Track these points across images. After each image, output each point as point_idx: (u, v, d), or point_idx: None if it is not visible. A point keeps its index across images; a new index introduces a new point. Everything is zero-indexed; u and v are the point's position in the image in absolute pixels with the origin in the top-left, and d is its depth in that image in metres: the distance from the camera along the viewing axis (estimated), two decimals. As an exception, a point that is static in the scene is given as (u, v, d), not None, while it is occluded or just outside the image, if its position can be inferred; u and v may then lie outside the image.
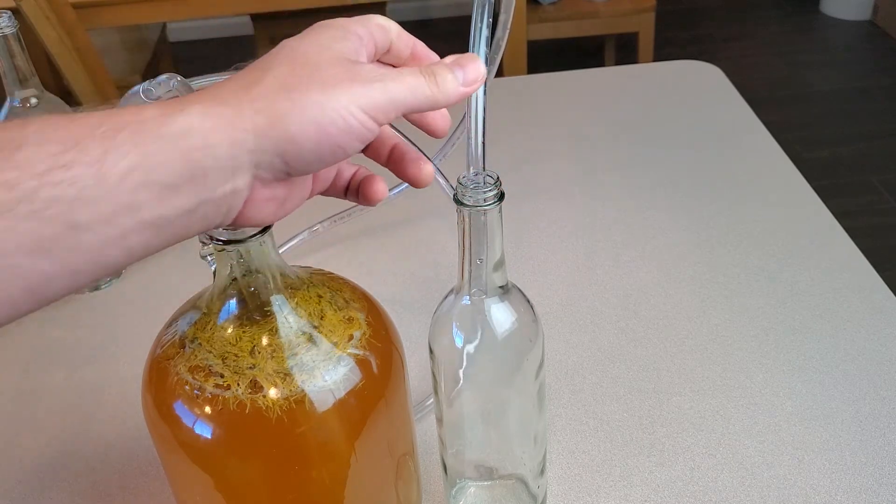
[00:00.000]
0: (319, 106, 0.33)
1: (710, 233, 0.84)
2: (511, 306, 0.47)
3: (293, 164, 0.34)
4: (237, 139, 0.32)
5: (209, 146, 0.32)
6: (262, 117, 0.33)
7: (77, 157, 0.29)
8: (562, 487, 0.60)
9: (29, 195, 0.28)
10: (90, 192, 0.29)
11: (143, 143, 0.30)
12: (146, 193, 0.30)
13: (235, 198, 0.33)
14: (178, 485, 0.49)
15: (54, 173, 0.29)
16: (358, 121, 0.34)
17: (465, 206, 0.43)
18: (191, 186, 0.31)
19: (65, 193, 0.29)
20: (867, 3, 3.12)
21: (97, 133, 0.30)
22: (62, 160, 0.29)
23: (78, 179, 0.29)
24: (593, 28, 2.46)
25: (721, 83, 1.13)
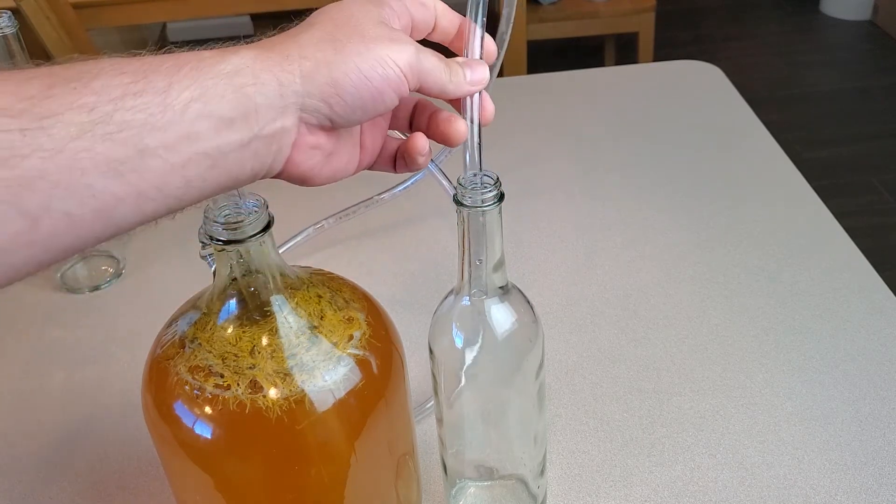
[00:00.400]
0: (360, 55, 0.36)
1: (710, 233, 0.84)
2: (511, 307, 0.47)
3: (336, 110, 0.36)
4: (285, 80, 0.35)
5: (260, 83, 0.34)
6: (309, 62, 0.35)
7: (146, 86, 0.32)
8: (562, 487, 0.60)
9: (104, 118, 0.31)
10: (157, 118, 0.32)
11: (202, 77, 0.33)
12: (204, 123, 0.33)
13: (284, 137, 0.36)
14: (178, 485, 0.49)
15: (127, 99, 0.31)
16: (395, 72, 0.37)
17: (465, 206, 0.43)
18: (243, 120, 0.34)
19: (135, 118, 0.31)
20: (867, 3, 3.12)
21: (162, 68, 0.33)
22: (133, 88, 0.32)
23: (147, 106, 0.32)
24: (593, 28, 2.45)
25: (721, 83, 1.13)
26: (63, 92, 0.30)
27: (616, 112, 1.08)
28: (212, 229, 0.41)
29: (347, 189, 0.87)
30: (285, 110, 0.35)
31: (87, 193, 0.31)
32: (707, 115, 1.06)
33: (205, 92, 0.33)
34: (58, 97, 0.30)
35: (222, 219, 0.41)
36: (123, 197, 0.32)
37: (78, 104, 0.30)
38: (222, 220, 0.41)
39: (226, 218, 0.41)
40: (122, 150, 0.31)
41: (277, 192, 0.43)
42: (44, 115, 0.30)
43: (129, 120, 0.31)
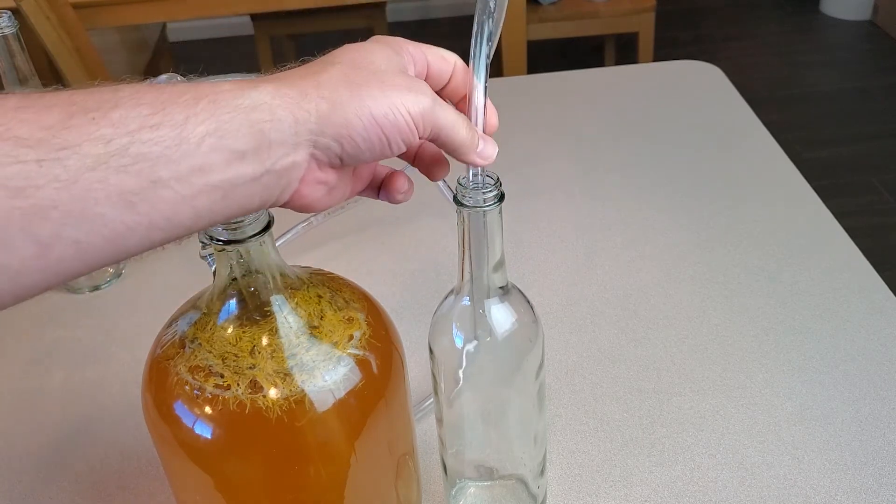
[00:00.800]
0: (375, 100, 0.37)
1: (710, 233, 0.84)
2: (511, 307, 0.47)
3: (347, 150, 0.37)
4: (301, 118, 0.36)
5: (276, 120, 0.35)
6: (325, 103, 0.36)
7: (163, 119, 0.32)
8: (562, 487, 0.60)
9: (121, 150, 0.31)
10: (171, 151, 0.32)
11: (219, 112, 0.34)
12: (217, 156, 0.33)
13: (294, 172, 0.37)
14: (178, 485, 0.49)
15: (143, 132, 0.32)
16: (405, 120, 0.38)
17: (465, 206, 0.43)
18: (256, 155, 0.35)
19: (151, 151, 0.32)
20: (867, 3, 3.12)
21: (180, 101, 0.33)
22: (151, 121, 0.32)
23: (163, 139, 0.32)
24: (593, 28, 2.45)
25: (721, 83, 1.13)
26: (81, 122, 0.31)
27: (616, 112, 1.08)
28: (212, 229, 0.41)
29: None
30: (298, 147, 0.36)
31: (99, 223, 0.31)
32: (707, 115, 1.06)
33: (220, 126, 0.33)
34: (76, 128, 0.31)
35: (222, 219, 0.41)
36: (133, 227, 0.32)
37: (95, 135, 0.31)
38: (222, 220, 0.41)
39: (226, 218, 0.41)
40: (135, 181, 0.32)
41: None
42: (61, 147, 0.30)
43: (144, 153, 0.32)
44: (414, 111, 0.38)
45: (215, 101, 0.34)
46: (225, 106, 0.34)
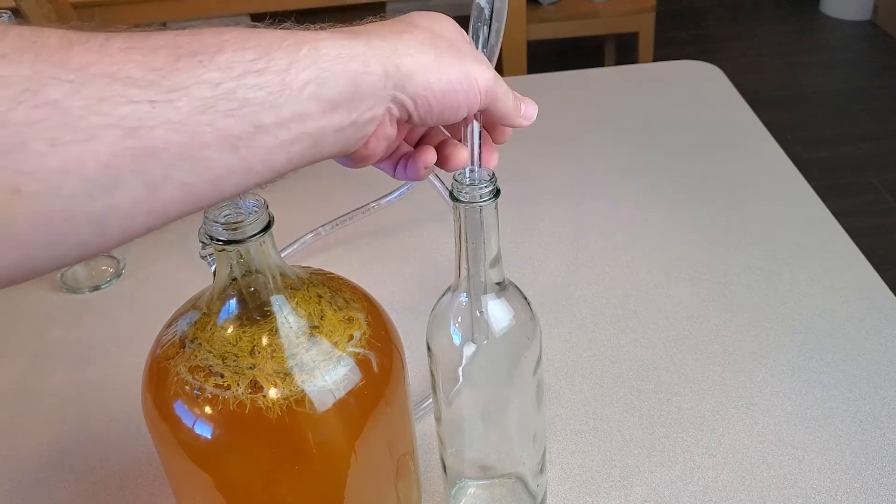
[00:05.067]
0: (454, 67, 0.38)
1: (709, 233, 0.84)
2: (508, 303, 0.47)
3: (420, 110, 0.38)
4: (389, 71, 0.36)
5: (369, 72, 0.36)
6: (411, 61, 0.37)
7: (268, 65, 0.33)
8: (561, 487, 0.60)
9: (227, 94, 0.32)
10: (275, 97, 0.33)
11: (321, 59, 0.34)
12: (315, 105, 0.34)
13: (371, 125, 0.37)
14: (178, 485, 0.49)
15: (249, 77, 0.32)
16: (477, 89, 0.39)
17: (461, 202, 0.43)
18: (347, 106, 0.35)
19: (256, 96, 0.32)
20: (867, 3, 3.12)
21: (283, 45, 0.34)
22: (256, 66, 0.32)
23: (267, 85, 0.33)
24: (593, 28, 2.46)
25: (721, 83, 1.13)
26: (189, 65, 0.31)
27: (616, 112, 1.08)
28: (212, 229, 0.41)
29: (344, 194, 0.87)
30: (381, 100, 0.37)
31: (205, 165, 0.32)
32: (707, 115, 1.06)
33: (320, 74, 0.34)
34: (184, 70, 0.31)
35: (222, 219, 0.41)
36: (234, 170, 0.33)
37: (204, 79, 0.31)
38: (222, 220, 0.41)
39: (226, 218, 0.41)
40: (240, 125, 0.32)
41: (274, 196, 0.43)
42: (171, 88, 0.30)
43: (250, 98, 0.32)
44: (482, 82, 0.39)
45: (317, 48, 0.34)
46: (326, 54, 0.34)
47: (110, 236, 0.31)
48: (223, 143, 0.32)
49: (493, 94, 0.41)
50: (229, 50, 0.32)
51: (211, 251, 0.45)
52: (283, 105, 0.33)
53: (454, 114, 0.39)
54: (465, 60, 0.39)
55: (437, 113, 0.39)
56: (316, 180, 0.94)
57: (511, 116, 0.43)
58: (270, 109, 0.33)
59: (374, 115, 0.37)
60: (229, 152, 0.32)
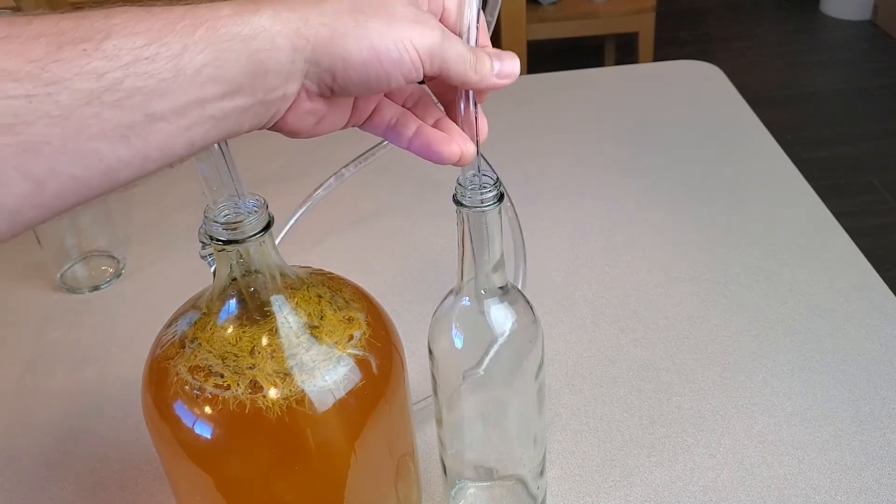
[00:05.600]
0: (380, 33, 0.35)
1: (709, 233, 0.84)
2: (511, 307, 0.47)
3: (339, 82, 0.36)
4: (298, 46, 0.34)
5: (274, 49, 0.34)
6: (326, 30, 0.34)
7: (159, 50, 0.31)
8: (561, 487, 0.60)
9: (114, 85, 0.30)
10: (167, 84, 0.31)
11: (218, 40, 0.32)
12: (213, 88, 0.32)
13: (283, 103, 0.36)
14: (178, 485, 0.49)
15: (139, 65, 0.31)
16: (410, 56, 0.36)
17: (465, 206, 0.43)
18: (251, 86, 0.34)
19: (146, 84, 0.31)
20: (867, 3, 3.12)
21: (177, 27, 0.32)
22: (146, 53, 0.31)
23: (158, 72, 0.31)
24: (593, 28, 2.46)
25: (721, 83, 1.13)
26: (72, 55, 0.30)
27: (616, 112, 1.08)
28: (212, 229, 0.41)
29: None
30: (291, 76, 0.35)
31: (94, 157, 0.31)
32: (707, 115, 1.06)
33: (219, 55, 0.32)
34: (66, 60, 0.29)
35: (222, 219, 0.41)
36: (128, 160, 0.31)
37: (87, 69, 0.30)
38: (222, 220, 0.41)
39: (226, 218, 0.41)
40: (130, 115, 0.31)
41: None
42: (51, 81, 0.29)
43: (139, 87, 0.31)
44: (421, 46, 0.36)
45: (214, 27, 0.32)
46: (224, 34, 0.33)
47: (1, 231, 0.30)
48: (112, 134, 0.30)
49: (440, 58, 0.37)
50: (117, 35, 0.30)
51: (211, 251, 0.45)
52: (177, 91, 0.31)
53: (384, 84, 0.36)
54: (398, 23, 0.36)
55: (361, 85, 0.36)
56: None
57: (477, 77, 0.39)
58: (162, 97, 0.31)
59: (284, 94, 0.35)
60: (120, 143, 0.31)
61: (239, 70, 0.33)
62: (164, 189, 0.96)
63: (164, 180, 0.98)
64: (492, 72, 0.39)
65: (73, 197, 0.31)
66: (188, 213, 0.92)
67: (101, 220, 0.83)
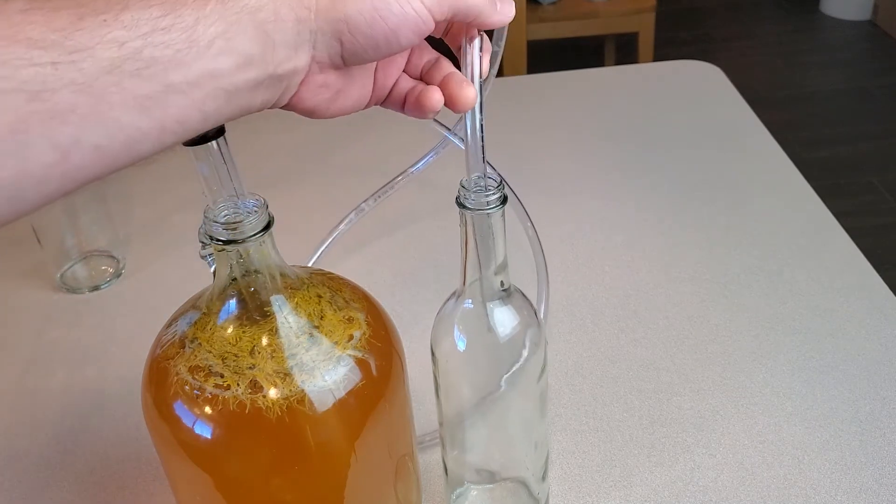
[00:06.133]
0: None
1: (709, 233, 0.84)
2: (513, 310, 0.47)
3: (348, 47, 0.36)
4: (302, 16, 0.34)
5: (279, 20, 0.34)
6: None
7: (175, 21, 0.32)
8: (561, 487, 0.60)
9: (134, 54, 0.31)
10: (183, 55, 0.32)
11: (227, 13, 0.33)
12: (226, 60, 0.33)
13: (294, 77, 0.36)
14: (178, 485, 0.49)
15: (156, 35, 0.31)
16: (415, 10, 0.35)
17: (468, 209, 0.42)
18: (261, 58, 0.34)
19: (163, 55, 0.31)
20: (867, 3, 3.12)
21: (189, 1, 0.32)
22: (162, 23, 0.31)
23: (174, 42, 0.31)
24: (593, 28, 2.45)
25: (721, 83, 1.13)
26: (93, 25, 0.30)
27: (616, 112, 1.08)
28: (212, 229, 0.41)
29: (359, 179, 0.86)
30: (299, 48, 0.35)
31: (116, 126, 0.31)
32: (707, 115, 1.06)
33: (229, 28, 0.33)
34: (88, 30, 0.30)
35: (222, 219, 0.41)
36: (148, 131, 0.32)
37: (108, 38, 0.30)
38: (222, 220, 0.41)
39: (226, 218, 0.41)
40: (148, 85, 0.31)
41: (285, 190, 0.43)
42: (75, 49, 0.30)
43: (157, 56, 0.31)
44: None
45: (223, 1, 0.33)
46: (233, 7, 0.33)
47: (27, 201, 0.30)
48: (133, 103, 0.31)
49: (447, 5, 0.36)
50: (134, 7, 0.31)
51: (211, 251, 0.45)
52: (192, 62, 0.32)
53: (394, 44, 0.36)
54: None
55: (370, 48, 0.36)
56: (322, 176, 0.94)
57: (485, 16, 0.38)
58: (178, 67, 0.32)
59: (295, 67, 0.35)
60: (140, 113, 0.31)
61: (248, 41, 0.33)
62: (164, 189, 0.96)
63: (165, 180, 0.98)
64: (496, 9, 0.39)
65: (96, 168, 0.32)
66: (188, 213, 0.92)
67: (101, 220, 0.83)
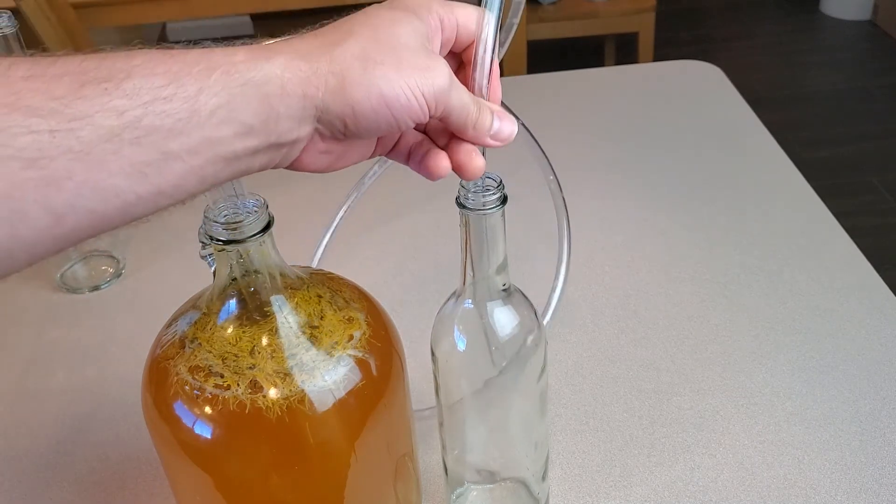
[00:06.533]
0: (388, 81, 0.36)
1: (710, 233, 0.84)
2: (513, 310, 0.47)
3: (351, 127, 0.37)
4: (309, 94, 0.35)
5: (286, 94, 0.35)
6: (335, 79, 0.36)
7: (177, 90, 0.32)
8: (561, 488, 0.60)
9: (133, 122, 0.31)
10: (183, 124, 0.32)
11: (231, 84, 0.34)
12: (227, 129, 0.34)
13: (296, 146, 0.37)
14: (178, 485, 0.49)
15: (157, 104, 0.32)
16: (418, 103, 0.37)
17: (468, 209, 0.42)
18: (263, 128, 0.35)
19: (163, 123, 0.32)
20: (867, 3, 3.12)
21: (193, 71, 0.33)
22: (164, 93, 0.32)
23: (175, 112, 0.32)
24: (593, 28, 2.45)
25: (721, 83, 1.13)
26: (94, 93, 0.31)
27: (616, 112, 1.08)
28: (212, 229, 0.41)
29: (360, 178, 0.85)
30: (303, 121, 0.36)
31: (112, 193, 0.32)
32: (707, 115, 1.06)
33: (232, 99, 0.33)
34: (88, 98, 0.31)
35: (222, 219, 0.41)
36: (144, 195, 0.32)
37: (108, 107, 0.31)
38: (222, 220, 0.41)
39: (226, 218, 0.41)
40: (147, 153, 0.32)
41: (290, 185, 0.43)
42: (74, 117, 0.30)
43: (157, 125, 0.32)
44: (428, 92, 0.37)
45: (228, 72, 0.34)
46: (238, 79, 0.34)
47: (17, 262, 0.31)
48: (130, 170, 0.31)
49: (445, 105, 0.38)
50: (138, 76, 0.32)
51: (211, 251, 0.45)
52: (192, 131, 0.33)
53: (394, 128, 0.37)
54: (406, 70, 0.36)
55: (372, 129, 0.37)
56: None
57: (474, 133, 0.40)
58: (178, 136, 0.32)
59: (297, 136, 0.36)
60: (137, 179, 0.32)
61: (251, 113, 0.34)
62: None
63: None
64: (489, 131, 0.40)
65: (89, 230, 0.32)
66: (188, 213, 0.91)
67: (101, 220, 0.83)
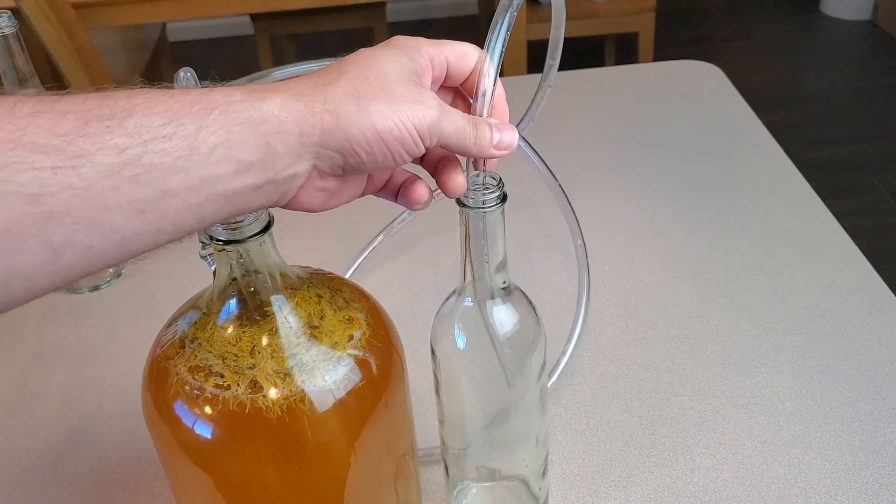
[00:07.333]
0: (381, 116, 0.37)
1: (709, 233, 0.84)
2: (513, 308, 0.47)
3: (349, 162, 0.38)
4: (306, 131, 0.36)
5: (283, 132, 0.36)
6: (331, 117, 0.37)
7: (176, 129, 0.33)
8: (562, 487, 0.60)
9: (133, 160, 0.32)
10: (182, 162, 0.33)
11: (230, 123, 0.34)
12: (226, 167, 0.34)
13: (294, 182, 0.38)
14: (178, 485, 0.49)
15: (157, 142, 0.32)
16: (410, 136, 0.38)
17: (467, 207, 0.42)
18: (261, 166, 0.35)
19: (163, 161, 0.32)
20: (867, 3, 3.12)
21: (193, 110, 0.34)
22: (164, 131, 0.33)
23: (175, 150, 0.33)
24: (593, 28, 2.45)
25: (721, 83, 1.13)
26: (97, 131, 0.31)
27: (616, 112, 1.08)
28: (212, 229, 0.41)
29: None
30: (301, 158, 0.37)
31: (109, 229, 0.32)
32: (707, 115, 1.06)
33: (230, 137, 0.34)
34: (91, 136, 0.31)
35: (222, 219, 0.41)
36: (141, 232, 0.33)
37: (110, 145, 0.31)
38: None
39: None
40: (146, 190, 0.32)
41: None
42: (76, 154, 0.31)
43: (156, 163, 0.32)
44: (420, 125, 0.38)
45: (227, 111, 0.34)
46: (236, 117, 0.34)
47: (15, 296, 0.32)
48: (128, 207, 0.32)
49: (439, 134, 0.39)
50: (138, 114, 0.32)
51: (211, 251, 0.45)
52: (191, 169, 0.33)
53: (390, 161, 0.38)
54: (397, 104, 0.38)
55: (368, 163, 0.38)
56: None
57: (476, 149, 0.41)
58: (177, 174, 0.33)
59: (295, 173, 0.37)
60: (135, 216, 0.32)
61: (249, 150, 0.35)
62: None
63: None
64: (491, 143, 0.41)
65: (86, 266, 0.33)
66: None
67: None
